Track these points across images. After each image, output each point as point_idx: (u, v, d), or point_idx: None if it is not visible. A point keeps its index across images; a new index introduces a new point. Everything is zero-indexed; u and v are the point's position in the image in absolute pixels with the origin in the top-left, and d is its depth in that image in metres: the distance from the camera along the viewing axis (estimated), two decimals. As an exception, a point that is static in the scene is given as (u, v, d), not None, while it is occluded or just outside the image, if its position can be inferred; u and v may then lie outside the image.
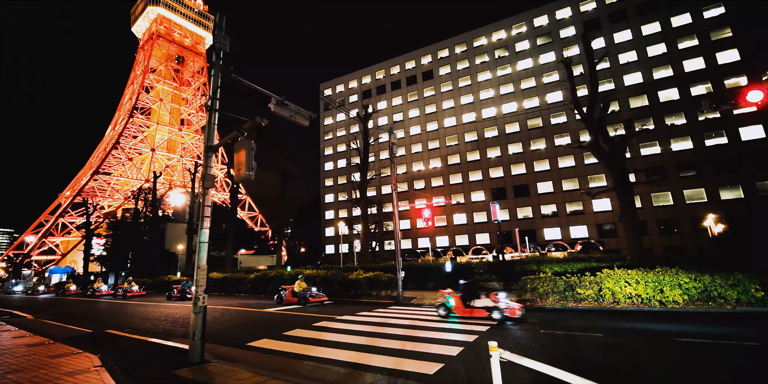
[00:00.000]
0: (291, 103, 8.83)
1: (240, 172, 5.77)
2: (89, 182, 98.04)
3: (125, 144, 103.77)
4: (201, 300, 5.85)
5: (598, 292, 9.68)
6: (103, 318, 12.36)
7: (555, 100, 41.75)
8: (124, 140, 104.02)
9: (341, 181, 55.66)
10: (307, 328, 8.26)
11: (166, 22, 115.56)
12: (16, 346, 7.07)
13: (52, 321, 11.22)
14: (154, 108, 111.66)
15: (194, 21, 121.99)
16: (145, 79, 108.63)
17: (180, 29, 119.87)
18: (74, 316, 13.36)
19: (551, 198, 40.44)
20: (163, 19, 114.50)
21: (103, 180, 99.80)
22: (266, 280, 17.12)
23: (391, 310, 11.09)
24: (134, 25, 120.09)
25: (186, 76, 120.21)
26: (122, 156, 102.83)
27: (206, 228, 6.20)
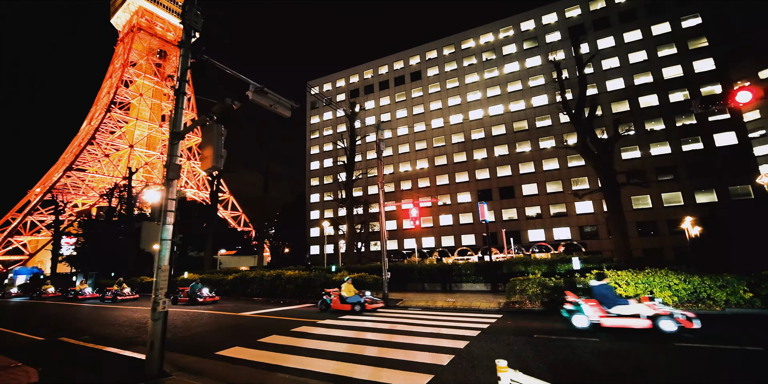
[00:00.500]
0: (271, 92, 8.23)
1: (208, 161, 5.16)
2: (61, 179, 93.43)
3: (102, 139, 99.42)
4: (160, 305, 5.19)
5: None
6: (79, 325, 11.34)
7: (541, 103, 42.28)
8: (101, 135, 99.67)
9: (327, 181, 54.80)
10: (284, 333, 7.65)
11: (147, 14, 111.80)
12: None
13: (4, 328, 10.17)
14: (133, 103, 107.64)
15: (177, 14, 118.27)
16: (125, 72, 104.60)
17: (162, 22, 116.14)
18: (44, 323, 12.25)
19: (536, 200, 40.84)
20: (144, 11, 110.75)
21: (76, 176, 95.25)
22: (245, 281, 16.29)
23: (378, 312, 10.58)
24: (114, 16, 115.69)
25: (168, 71, 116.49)
26: (98, 152, 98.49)
27: (170, 224, 5.54)
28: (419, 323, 8.40)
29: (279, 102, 8.36)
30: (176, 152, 5.73)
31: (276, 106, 8.37)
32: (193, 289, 14.59)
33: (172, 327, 9.19)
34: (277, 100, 8.31)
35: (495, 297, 12.64)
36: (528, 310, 9.99)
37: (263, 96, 8.07)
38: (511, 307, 10.29)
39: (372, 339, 6.94)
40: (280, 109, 8.49)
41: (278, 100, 8.32)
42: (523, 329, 7.57)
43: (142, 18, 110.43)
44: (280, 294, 15.19)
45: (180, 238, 39.61)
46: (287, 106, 8.71)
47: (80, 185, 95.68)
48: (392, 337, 7.00)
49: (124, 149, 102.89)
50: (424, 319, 8.97)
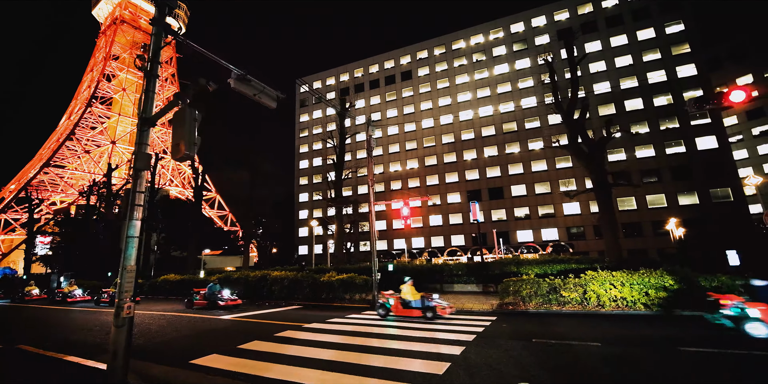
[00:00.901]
0: (255, 80, 7.71)
1: (179, 149, 4.63)
2: (38, 175, 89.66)
3: (82, 135, 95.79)
4: (125, 309, 4.64)
5: (583, 295, 9.25)
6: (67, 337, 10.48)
7: (530, 104, 42.59)
8: (81, 131, 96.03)
9: (316, 180, 54.02)
10: (267, 339, 7.13)
11: (131, 6, 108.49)
12: None
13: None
14: (116, 98, 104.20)
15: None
16: (107, 66, 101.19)
17: (147, 15, 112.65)
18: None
19: (524, 201, 41.08)
20: (128, 3, 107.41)
21: (54, 173, 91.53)
22: (229, 282, 15.60)
23: (366, 315, 10.14)
24: (95, 8, 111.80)
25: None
26: (78, 148, 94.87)
27: (137, 219, 4.99)
28: (410, 327, 8.00)
29: (263, 91, 7.85)
30: (146, 140, 5.18)
31: (260, 96, 7.86)
32: (212, 291, 12.85)
33: (145, 332, 8.55)
34: (262, 88, 7.80)
35: (487, 298, 12.37)
36: (522, 312, 9.72)
37: (246, 84, 7.56)
38: (504, 309, 10.01)
39: (361, 345, 6.50)
40: (264, 99, 7.98)
41: (262, 89, 7.81)
42: (520, 332, 7.26)
43: (126, 10, 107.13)
44: (265, 296, 14.58)
45: (162, 238, 38.43)
46: (272, 97, 8.20)
47: (58, 182, 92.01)
48: (383, 342, 6.58)
49: (106, 146, 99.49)
50: (415, 322, 8.57)
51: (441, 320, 8.87)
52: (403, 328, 8.00)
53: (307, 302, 13.49)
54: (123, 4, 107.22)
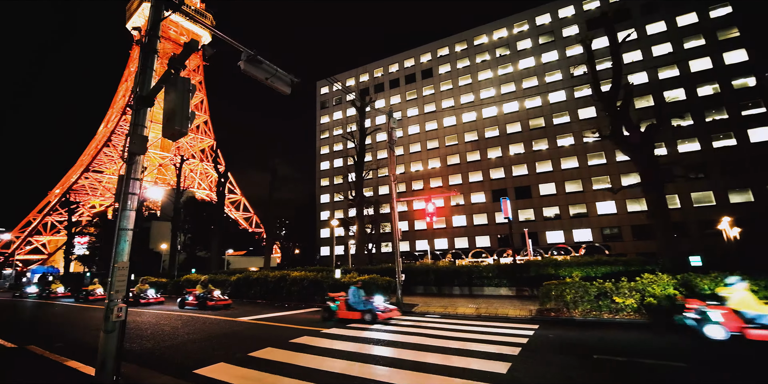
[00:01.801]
0: (267, 61, 7.08)
1: (170, 124, 4.01)
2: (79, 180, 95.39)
3: (118, 142, 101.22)
4: (115, 312, 4.04)
5: (641, 302, 7.98)
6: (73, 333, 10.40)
7: (558, 99, 40.43)
8: (117, 138, 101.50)
9: (337, 181, 53.86)
10: (281, 346, 6.44)
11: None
12: None
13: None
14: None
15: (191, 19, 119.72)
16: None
17: (176, 27, 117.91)
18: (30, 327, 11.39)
19: (554, 200, 38.92)
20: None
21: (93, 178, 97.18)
22: (249, 282, 15.23)
23: (390, 321, 9.29)
24: (129, 21, 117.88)
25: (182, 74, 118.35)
26: (114, 154, 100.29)
27: (131, 210, 4.41)
28: (443, 336, 7.07)
29: (276, 75, 7.19)
30: (142, 121, 4.62)
31: (273, 80, 7.21)
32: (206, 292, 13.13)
33: (158, 333, 8.11)
34: (274, 72, 7.14)
35: (523, 303, 11.21)
36: (567, 320, 8.55)
37: (257, 66, 6.92)
38: (546, 316, 8.88)
39: (385, 356, 5.66)
40: (278, 83, 7.32)
41: (275, 72, 7.15)
42: (573, 345, 6.18)
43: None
44: (284, 297, 14.05)
45: (188, 238, 39.34)
46: (286, 81, 7.53)
47: (97, 186, 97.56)
48: (411, 355, 5.71)
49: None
50: (448, 331, 7.63)
51: (476, 329, 7.88)
52: (434, 336, 7.10)
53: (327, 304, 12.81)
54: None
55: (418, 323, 8.68)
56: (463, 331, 7.55)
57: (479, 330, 7.60)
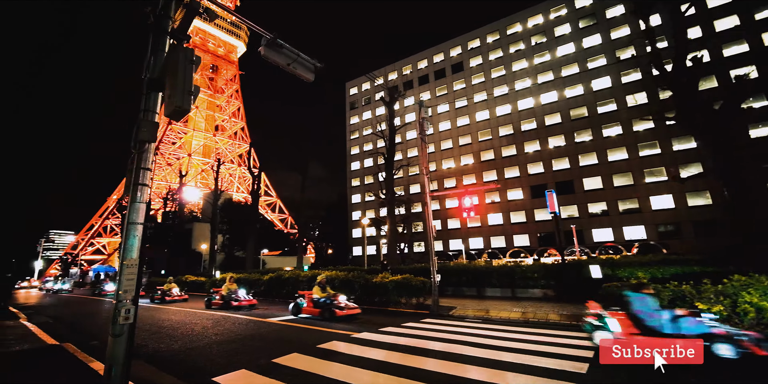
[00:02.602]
0: (287, 45, 6.59)
1: (171, 102, 3.56)
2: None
3: (165, 150, 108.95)
4: (122, 314, 3.68)
5: (732, 309, 6.61)
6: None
7: (603, 86, 37.32)
8: (164, 146, 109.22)
9: (368, 181, 53.73)
10: (307, 351, 5.93)
11: (201, 33, 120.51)
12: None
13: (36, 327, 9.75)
14: (190, 115, 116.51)
15: (227, 31, 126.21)
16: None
17: (214, 39, 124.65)
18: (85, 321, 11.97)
19: (600, 195, 35.95)
20: (198, 30, 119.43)
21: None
22: (281, 281, 15.13)
23: (426, 324, 8.52)
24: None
25: (219, 84, 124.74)
26: (162, 161, 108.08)
27: (142, 202, 4.06)
28: (488, 345, 6.20)
29: (297, 60, 6.67)
30: (152, 107, 4.25)
31: (295, 66, 6.71)
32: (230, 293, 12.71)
33: (188, 334, 7.97)
34: (295, 57, 6.63)
35: (576, 307, 9.97)
36: (633, 329, 7.31)
37: (277, 51, 6.44)
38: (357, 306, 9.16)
39: (424, 370, 4.93)
40: (300, 70, 6.82)
41: (296, 58, 6.64)
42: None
43: (197, 36, 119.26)
44: (315, 297, 13.73)
45: (227, 239, 40.96)
46: (309, 67, 7.01)
47: (148, 192, 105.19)
48: (454, 369, 4.94)
49: (184, 158, 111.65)
50: (494, 339, 6.75)
51: (525, 337, 6.92)
52: (477, 345, 6.25)
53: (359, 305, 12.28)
54: (194, 31, 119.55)
55: (458, 328, 7.84)
56: (512, 339, 6.62)
57: (530, 339, 6.64)
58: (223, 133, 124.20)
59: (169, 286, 17.08)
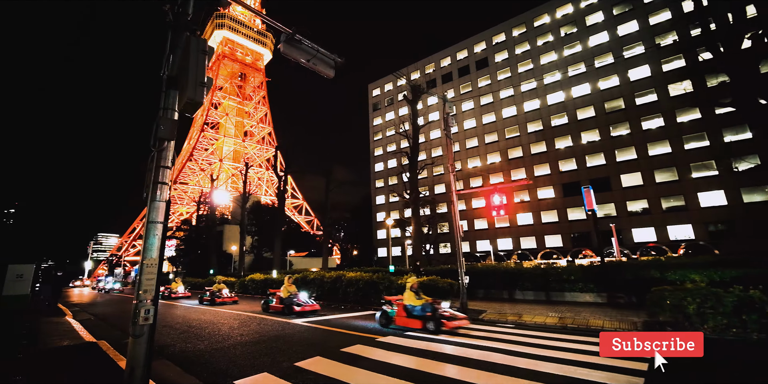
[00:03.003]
0: (306, 40, 6.46)
1: (183, 95, 3.45)
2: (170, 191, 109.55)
3: (198, 156, 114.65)
4: (142, 314, 3.61)
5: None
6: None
7: (641, 75, 34.94)
8: (197, 153, 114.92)
9: (392, 182, 53.51)
10: (331, 355, 5.71)
11: (230, 43, 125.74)
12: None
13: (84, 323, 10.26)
14: (221, 122, 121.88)
15: (254, 40, 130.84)
16: (214, 96, 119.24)
17: (242, 48, 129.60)
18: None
19: (640, 192, 33.61)
20: (227, 40, 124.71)
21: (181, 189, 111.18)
22: (306, 282, 15.16)
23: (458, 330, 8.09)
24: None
25: (248, 91, 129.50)
26: (196, 167, 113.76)
27: (161, 200, 4.00)
28: (526, 353, 5.71)
29: (317, 56, 6.54)
30: (171, 105, 4.19)
31: (315, 63, 6.56)
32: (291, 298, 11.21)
33: (214, 334, 8.03)
34: (315, 53, 6.48)
35: (620, 313, 9.15)
36: (691, 338, 6.53)
37: (297, 48, 6.32)
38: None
39: (454, 379, 4.56)
40: (320, 66, 6.66)
41: (316, 53, 6.49)
42: (722, 376, 4.45)
43: (226, 46, 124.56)
44: (340, 298, 13.61)
45: (255, 240, 42.09)
46: (329, 63, 6.85)
47: (184, 196, 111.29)
48: (488, 379, 4.53)
49: (216, 163, 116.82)
50: (530, 346, 6.23)
51: (566, 345, 6.35)
52: (513, 354, 5.78)
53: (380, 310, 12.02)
54: (224, 41, 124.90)
55: (490, 335, 7.35)
56: (551, 347, 6.08)
57: (572, 347, 6.07)
58: (251, 138, 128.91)
59: (219, 286, 16.30)
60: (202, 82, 3.48)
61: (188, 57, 3.51)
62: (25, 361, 5.70)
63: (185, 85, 3.45)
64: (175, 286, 20.64)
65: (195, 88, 3.44)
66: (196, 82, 3.44)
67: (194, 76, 3.45)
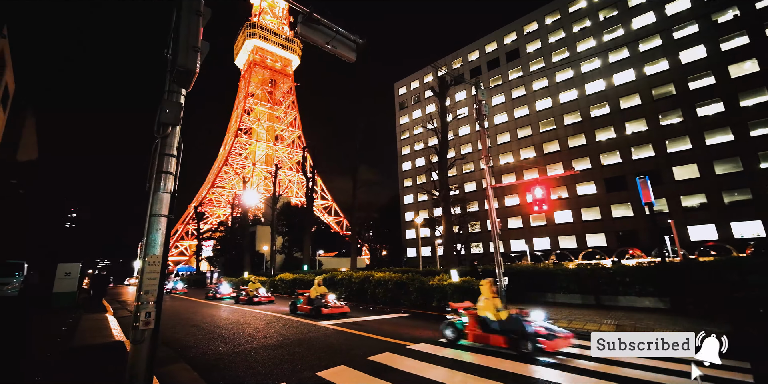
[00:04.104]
0: (325, 21, 5.96)
1: (174, 62, 3.02)
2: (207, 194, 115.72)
3: (233, 161, 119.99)
4: (142, 318, 3.23)
5: None
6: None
7: (695, 57, 31.63)
8: (232, 157, 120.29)
9: (420, 181, 52.56)
10: (356, 364, 5.16)
11: (260, 51, 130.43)
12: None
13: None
14: (254, 127, 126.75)
15: (282, 46, 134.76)
16: (246, 103, 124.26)
17: (272, 56, 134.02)
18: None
19: (697, 185, 30.38)
20: (258, 48, 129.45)
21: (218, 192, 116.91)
22: (333, 283, 14.82)
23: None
24: (237, 58, 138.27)
25: (278, 97, 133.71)
26: (231, 171, 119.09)
27: (165, 191, 3.63)
28: (582, 369, 4.84)
29: (336, 38, 6.01)
30: (176, 88, 3.85)
31: (335, 45, 6.03)
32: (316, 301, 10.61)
33: (238, 335, 7.77)
34: (334, 34, 5.94)
35: (690, 321, 7.88)
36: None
37: (315, 28, 5.80)
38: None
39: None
40: (341, 48, 6.13)
41: (335, 35, 5.96)
42: None
43: (256, 55, 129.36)
44: (369, 299, 13.10)
45: (286, 240, 42.84)
46: (350, 45, 6.29)
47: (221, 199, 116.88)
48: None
49: (249, 167, 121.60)
50: (586, 359, 5.33)
51: (649, 360, 5.37)
52: (573, 368, 4.93)
53: (414, 310, 11.34)
54: (255, 50, 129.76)
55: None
56: (617, 364, 5.14)
57: (643, 363, 5.09)
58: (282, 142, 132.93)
59: (254, 285, 16.05)
60: (195, 47, 3.05)
61: (180, 18, 3.10)
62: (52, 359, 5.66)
63: (176, 51, 3.04)
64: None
65: (187, 53, 3.01)
66: (188, 47, 3.02)
67: (186, 39, 3.03)
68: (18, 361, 5.68)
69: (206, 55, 3.04)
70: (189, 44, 3.04)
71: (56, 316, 11.12)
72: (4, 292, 14.23)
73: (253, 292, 15.44)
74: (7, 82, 18.27)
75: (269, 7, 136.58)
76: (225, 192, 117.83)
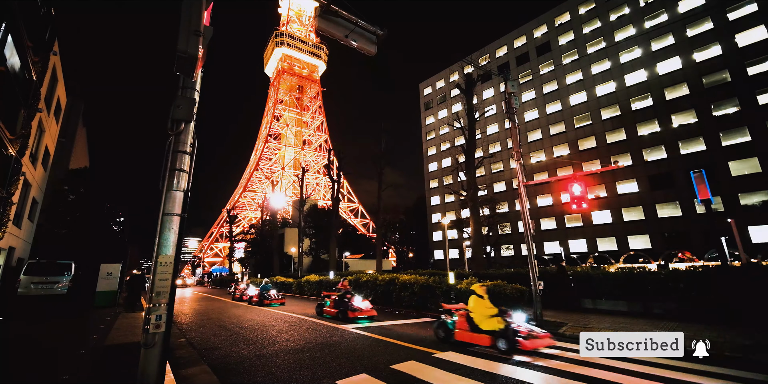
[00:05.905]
0: (343, 12, 5.76)
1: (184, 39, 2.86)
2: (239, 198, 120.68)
3: (263, 166, 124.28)
4: (153, 321, 3.10)
5: None
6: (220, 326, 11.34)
7: (752, 40, 28.69)
8: (263, 162, 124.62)
9: (447, 181, 51.56)
10: (379, 374, 4.84)
11: (288, 58, 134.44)
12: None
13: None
14: (282, 133, 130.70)
15: (309, 53, 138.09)
16: (275, 109, 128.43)
17: (299, 63, 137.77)
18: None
19: (758, 182, 27.45)
20: (286, 56, 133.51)
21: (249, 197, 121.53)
22: (358, 285, 14.61)
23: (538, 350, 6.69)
24: (266, 66, 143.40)
25: (305, 102, 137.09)
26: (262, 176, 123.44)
27: (179, 189, 3.52)
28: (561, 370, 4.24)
29: (355, 30, 5.79)
30: (190, 84, 3.76)
31: (354, 38, 5.78)
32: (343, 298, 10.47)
33: (262, 337, 7.70)
34: (353, 26, 5.73)
35: (763, 333, 6.86)
36: None
37: (332, 21, 5.60)
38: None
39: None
40: (360, 42, 5.88)
41: (354, 27, 5.74)
42: None
43: (285, 62, 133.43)
44: (394, 302, 12.75)
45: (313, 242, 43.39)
46: (370, 37, 6.03)
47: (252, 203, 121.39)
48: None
49: (279, 171, 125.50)
50: (638, 376, 4.70)
51: (717, 379, 4.67)
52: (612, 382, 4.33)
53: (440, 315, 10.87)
54: (283, 58, 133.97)
55: (576, 355, 5.84)
56: (674, 382, 4.47)
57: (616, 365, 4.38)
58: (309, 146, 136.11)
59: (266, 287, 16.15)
60: (197, 31, 2.89)
61: (183, 5, 2.96)
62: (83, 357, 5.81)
63: (178, 35, 2.90)
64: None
65: (187, 37, 2.86)
66: (189, 31, 2.87)
67: (187, 22, 2.88)
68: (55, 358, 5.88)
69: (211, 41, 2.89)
70: (191, 28, 2.90)
71: (97, 314, 11.71)
72: (55, 290, 15.28)
73: (264, 293, 15.65)
74: (59, 96, 19.81)
75: (296, 16, 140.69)
76: (256, 196, 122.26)
